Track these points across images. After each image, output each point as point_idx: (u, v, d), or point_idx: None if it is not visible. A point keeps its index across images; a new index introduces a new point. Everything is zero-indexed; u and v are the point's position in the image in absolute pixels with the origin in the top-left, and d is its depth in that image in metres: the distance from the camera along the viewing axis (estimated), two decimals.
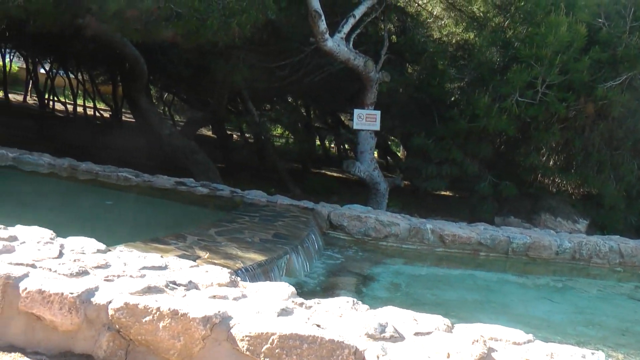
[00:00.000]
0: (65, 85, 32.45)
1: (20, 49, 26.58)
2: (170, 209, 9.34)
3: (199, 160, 14.49)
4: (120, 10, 8.95)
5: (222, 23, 9.47)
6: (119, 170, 10.21)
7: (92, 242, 4.39)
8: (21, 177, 9.87)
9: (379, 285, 7.51)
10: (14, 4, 9.30)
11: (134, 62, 13.96)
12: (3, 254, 3.93)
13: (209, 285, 3.84)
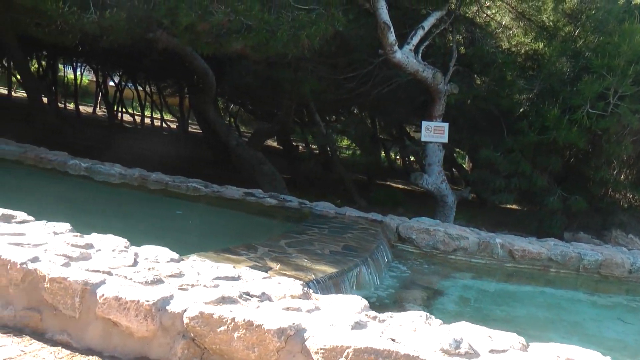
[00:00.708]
0: (133, 97, 33.19)
1: (91, 62, 27.27)
2: (240, 220, 9.39)
3: (266, 171, 14.58)
4: (192, 24, 9.08)
5: (292, 35, 9.52)
6: (189, 180, 10.35)
7: (166, 251, 4.44)
8: (93, 187, 10.11)
9: (448, 300, 7.40)
10: (88, 20, 9.55)
11: (203, 74, 14.16)
12: (80, 261, 4.02)
13: (282, 297, 3.83)
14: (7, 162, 10.83)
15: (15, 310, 3.92)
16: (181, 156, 19.51)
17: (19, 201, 5.54)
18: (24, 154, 10.99)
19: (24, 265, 3.88)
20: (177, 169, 12.97)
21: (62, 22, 9.76)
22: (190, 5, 8.93)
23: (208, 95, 14.81)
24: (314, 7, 9.93)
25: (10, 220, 4.75)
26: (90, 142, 18.87)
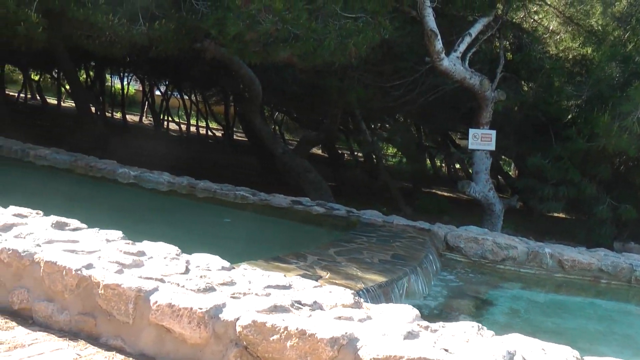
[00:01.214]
0: (179, 106, 33.54)
1: (138, 72, 27.68)
2: (288, 228, 9.43)
3: (312, 179, 14.59)
4: (240, 34, 9.15)
5: (339, 44, 9.52)
6: (236, 189, 10.42)
7: (217, 259, 4.47)
8: (142, 195, 10.24)
9: (497, 310, 7.32)
10: (137, 31, 9.72)
11: (250, 83, 14.24)
12: (133, 268, 4.07)
13: (334, 306, 3.82)
14: (59, 171, 11.05)
15: (71, 315, 4.00)
16: (227, 164, 19.66)
17: (70, 209, 5.64)
18: (74, 163, 11.20)
19: (79, 271, 3.96)
20: (223, 177, 13.06)
21: (112, 34, 9.96)
22: (238, 15, 9.00)
23: (254, 103, 14.88)
24: (361, 16, 9.93)
25: (64, 228, 4.83)
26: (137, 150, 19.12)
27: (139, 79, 31.32)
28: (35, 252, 4.19)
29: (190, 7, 9.90)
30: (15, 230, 4.59)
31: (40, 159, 11.50)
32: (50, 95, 37.62)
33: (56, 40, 11.39)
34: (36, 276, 4.14)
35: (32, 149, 11.83)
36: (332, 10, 9.61)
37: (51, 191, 9.29)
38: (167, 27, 9.66)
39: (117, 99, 35.24)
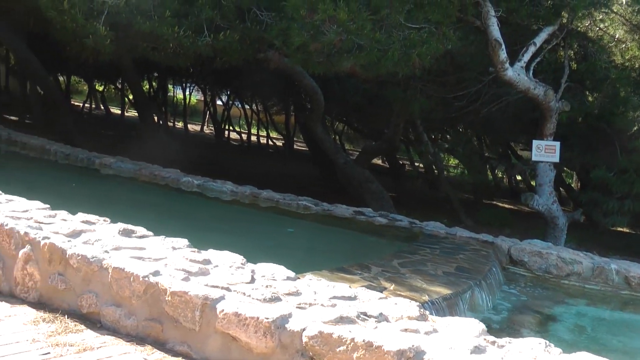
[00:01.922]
0: (240, 116, 33.86)
1: (200, 82, 28.06)
2: (351, 238, 9.39)
3: (373, 190, 14.55)
4: (304, 44, 9.18)
5: (403, 54, 9.48)
6: (299, 198, 10.45)
7: (282, 269, 4.47)
8: (206, 203, 10.36)
9: (562, 327, 7.14)
10: (202, 43, 9.86)
11: (312, 92, 14.30)
12: (199, 276, 4.11)
13: (399, 318, 3.79)
14: (123, 179, 11.25)
15: (138, 321, 4.07)
16: (287, 173, 19.75)
17: (136, 216, 5.72)
18: (138, 171, 11.40)
19: (146, 278, 4.01)
20: (283, 186, 13.10)
21: (177, 46, 10.12)
22: (302, 25, 9.04)
23: (316, 113, 14.93)
24: (424, 26, 9.87)
25: (131, 235, 4.90)
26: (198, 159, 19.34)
27: (200, 89, 31.76)
28: (103, 258, 4.27)
29: (255, 18, 10.01)
30: (83, 237, 4.68)
31: (106, 167, 11.75)
32: (113, 105, 38.46)
33: (122, 52, 11.63)
34: (104, 281, 4.22)
35: (98, 158, 12.09)
36: (396, 21, 9.58)
37: (116, 199, 9.47)
38: (232, 38, 9.79)
39: (179, 109, 35.80)
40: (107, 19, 9.71)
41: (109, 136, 23.22)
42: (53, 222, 5.01)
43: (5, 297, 4.60)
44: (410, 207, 15.44)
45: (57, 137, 15.04)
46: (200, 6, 9.62)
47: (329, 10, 8.77)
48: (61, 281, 4.41)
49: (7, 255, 4.74)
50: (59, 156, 12.68)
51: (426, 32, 9.76)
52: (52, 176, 11.43)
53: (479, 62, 12.34)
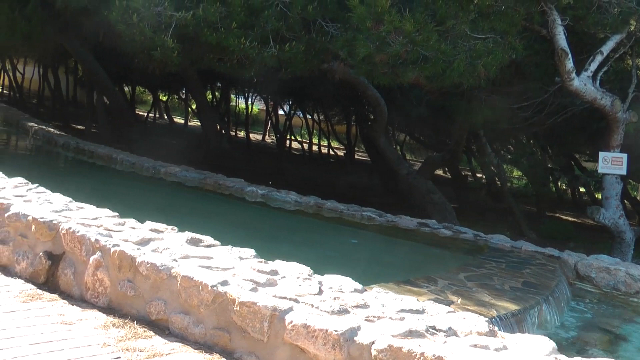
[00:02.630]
0: (302, 125, 34.01)
1: (262, 92, 28.28)
2: (415, 250, 9.33)
3: (436, 201, 14.42)
4: (369, 55, 9.17)
5: (468, 65, 9.39)
6: (363, 209, 10.42)
7: (349, 280, 4.46)
8: (270, 213, 10.43)
9: (632, 347, 6.91)
10: (268, 54, 9.94)
11: (375, 103, 14.27)
12: (267, 287, 4.12)
13: (468, 333, 3.73)
14: (188, 188, 11.40)
15: (206, 329, 4.11)
16: (349, 183, 19.73)
17: (201, 225, 5.78)
18: (203, 180, 11.55)
19: (215, 287, 4.04)
20: (345, 195, 13.10)
21: (243, 57, 10.22)
22: (368, 36, 9.03)
23: (379, 124, 14.89)
24: (490, 36, 9.76)
25: (198, 244, 4.96)
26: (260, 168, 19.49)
27: (262, 99, 32.01)
28: (172, 267, 4.32)
29: (320, 29, 10.05)
30: (152, 245, 4.75)
31: (171, 176, 11.93)
32: (177, 114, 39.08)
33: (188, 64, 11.83)
34: (173, 289, 4.27)
35: (163, 167, 12.29)
36: (461, 31, 9.50)
37: (182, 207, 9.61)
38: (297, 49, 9.84)
39: (241, 118, 36.17)
40: (174, 32, 9.88)
41: (172, 145, 23.57)
42: (122, 230, 5.10)
43: (76, 301, 4.72)
44: (472, 218, 15.26)
45: (122, 145, 15.36)
46: (266, 17, 9.69)
47: (395, 22, 8.75)
48: (130, 288, 4.49)
49: (78, 261, 4.85)
50: (125, 165, 12.95)
51: (491, 42, 9.64)
52: (118, 184, 11.67)
53: (545, 71, 12.14)
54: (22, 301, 4.60)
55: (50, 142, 16.20)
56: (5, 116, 22.13)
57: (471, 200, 20.54)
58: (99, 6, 11.04)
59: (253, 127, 37.45)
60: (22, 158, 15.57)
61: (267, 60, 10.05)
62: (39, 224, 5.09)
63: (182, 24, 9.80)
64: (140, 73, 19.31)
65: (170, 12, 9.65)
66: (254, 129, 38.01)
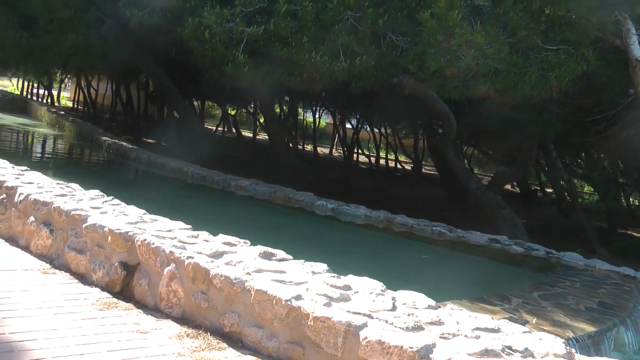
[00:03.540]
0: (369, 139, 34.01)
1: (330, 106, 28.39)
2: (487, 267, 9.21)
3: (505, 216, 14.18)
4: (440, 69, 9.13)
5: (540, 77, 9.25)
6: (433, 224, 10.33)
7: (422, 297, 4.42)
8: (340, 227, 10.46)
9: None
10: (338, 68, 9.97)
11: (444, 117, 14.16)
12: (341, 302, 4.11)
13: (545, 355, 3.66)
14: (258, 201, 11.50)
15: (279, 343, 4.13)
16: (416, 197, 19.63)
17: (272, 238, 5.83)
18: (273, 194, 11.62)
19: (289, 302, 4.05)
20: (412, 209, 13.02)
21: (313, 71, 10.27)
22: (439, 50, 8.98)
23: (448, 137, 14.76)
24: (562, 47, 9.59)
25: (271, 258, 4.99)
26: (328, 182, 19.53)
27: (330, 112, 32.13)
28: (245, 280, 4.36)
29: (390, 43, 10.04)
30: (225, 258, 4.80)
31: (241, 189, 12.05)
32: (244, 128, 39.52)
33: (258, 78, 11.96)
34: (246, 303, 4.30)
35: (233, 180, 12.42)
36: (533, 43, 9.37)
37: (253, 221, 9.69)
38: (367, 63, 9.85)
39: (309, 132, 36.38)
40: (245, 47, 10.01)
41: (241, 158, 23.84)
42: (196, 242, 5.17)
43: (151, 311, 4.82)
44: (541, 234, 14.98)
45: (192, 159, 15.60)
46: (336, 32, 9.73)
47: (466, 35, 8.69)
48: (204, 299, 4.54)
49: (153, 271, 4.95)
50: (196, 178, 13.14)
51: (564, 53, 9.47)
52: (189, 197, 11.86)
53: (618, 83, 11.84)
54: (99, 309, 4.72)
55: (122, 156, 16.58)
56: (80, 131, 22.71)
57: (540, 215, 20.19)
58: (172, 24, 11.30)
59: (320, 140, 37.61)
60: (96, 171, 15.96)
61: (338, 75, 10.09)
62: (115, 235, 5.21)
63: (253, 39, 9.92)
64: (210, 87, 19.62)
65: (241, 27, 9.79)
66: (321, 142, 38.16)
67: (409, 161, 33.19)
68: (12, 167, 8.01)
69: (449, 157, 15.17)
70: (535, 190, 24.54)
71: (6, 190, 6.66)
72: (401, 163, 33.58)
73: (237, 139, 35.55)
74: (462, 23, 8.74)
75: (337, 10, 9.40)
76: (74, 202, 6.16)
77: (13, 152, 16.82)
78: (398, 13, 9.92)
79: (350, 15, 9.44)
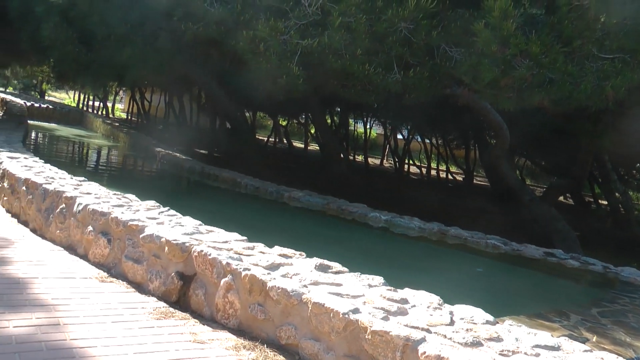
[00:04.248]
0: (420, 149, 33.88)
1: (381, 117, 28.39)
2: (543, 281, 9.08)
3: (559, 228, 13.94)
4: (495, 80, 9.03)
5: (596, 87, 9.08)
6: (487, 237, 10.22)
7: (480, 312, 4.37)
8: (393, 239, 10.43)
9: None
10: (392, 79, 9.96)
11: (498, 128, 14.00)
12: (398, 316, 4.09)
13: None
14: (311, 212, 11.53)
15: (336, 356, 4.13)
16: (468, 208, 19.43)
17: (327, 250, 5.83)
18: (326, 205, 11.65)
19: (346, 315, 4.05)
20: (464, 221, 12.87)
21: (367, 83, 10.28)
22: (493, 60, 8.90)
23: (501, 148, 14.58)
24: (618, 55, 9.40)
25: (327, 270, 5.00)
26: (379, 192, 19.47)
27: (381, 123, 32.12)
28: (303, 293, 4.37)
29: (444, 54, 9.98)
30: (282, 270, 4.83)
31: (294, 200, 12.11)
32: (295, 138, 39.72)
33: (312, 90, 12.01)
34: (303, 315, 4.31)
35: (286, 191, 12.49)
36: (588, 52, 9.20)
37: (306, 232, 9.73)
38: (421, 75, 9.81)
39: (359, 142, 36.39)
40: (299, 59, 10.06)
41: (292, 169, 23.95)
42: (252, 254, 5.21)
43: (207, 321, 4.87)
44: (595, 247, 14.68)
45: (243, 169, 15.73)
46: (390, 44, 9.70)
47: (520, 44, 8.59)
48: (260, 311, 4.57)
49: (209, 282, 5.01)
50: (249, 189, 13.24)
51: (620, 61, 9.28)
52: (243, 208, 11.95)
53: None
54: (156, 318, 4.79)
55: (176, 166, 16.81)
56: (135, 142, 23.11)
57: (594, 228, 19.80)
58: (227, 37, 11.41)
59: (371, 151, 37.60)
60: (151, 181, 16.22)
61: (391, 86, 10.07)
62: (172, 246, 5.29)
63: (307, 51, 9.96)
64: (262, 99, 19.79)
65: (296, 40, 9.83)
66: (371, 153, 38.15)
67: (460, 172, 32.95)
68: (71, 178, 8.22)
69: (503, 169, 15.00)
70: (589, 202, 24.11)
71: (65, 201, 6.83)
72: (452, 174, 33.36)
73: (289, 150, 35.75)
74: (516, 32, 8.63)
75: (391, 22, 9.37)
76: (130, 212, 6.28)
77: (70, 162, 17.21)
78: (452, 24, 9.84)
79: (404, 26, 9.40)
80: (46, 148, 20.54)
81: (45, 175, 8.21)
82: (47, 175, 8.15)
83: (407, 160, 32.43)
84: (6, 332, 4.17)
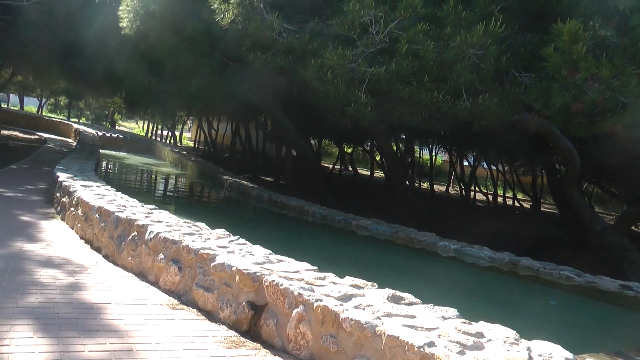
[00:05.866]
0: (486, 176, 33.47)
1: (446, 143, 28.18)
2: (621, 316, 8.79)
3: (632, 259, 13.47)
4: (565, 105, 8.85)
5: None
6: (560, 268, 9.95)
7: (558, 348, 4.23)
8: (463, 269, 10.27)
9: None
10: (461, 106, 9.86)
11: (567, 154, 13.68)
12: (474, 350, 3.99)
13: None
14: (379, 241, 11.47)
15: None
16: (535, 236, 19.03)
17: (396, 280, 5.79)
18: (394, 234, 11.56)
19: (421, 348, 3.97)
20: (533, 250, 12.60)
21: (435, 110, 10.20)
22: (564, 85, 8.74)
23: (571, 175, 14.24)
24: None
25: (400, 302, 4.92)
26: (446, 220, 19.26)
27: (446, 150, 31.88)
28: (376, 325, 4.31)
29: (514, 80, 9.85)
30: (354, 301, 4.78)
31: (362, 229, 12.06)
32: (360, 166, 39.71)
33: (379, 117, 11.98)
34: (377, 348, 4.25)
35: (354, 219, 12.46)
36: None
37: (375, 261, 9.66)
38: (490, 101, 9.68)
39: (425, 169, 36.17)
40: (367, 87, 10.06)
41: (357, 196, 23.91)
42: (323, 284, 5.18)
43: (278, 352, 4.85)
44: None
45: (309, 196, 15.77)
46: (458, 70, 9.63)
47: (591, 68, 8.42)
48: (333, 343, 4.52)
49: (280, 313, 4.99)
50: (317, 217, 13.26)
51: None
52: (311, 236, 11.97)
53: None
54: (227, 347, 4.80)
55: (244, 194, 16.97)
56: (202, 170, 23.45)
57: None
58: (294, 65, 11.50)
59: (436, 178, 37.33)
60: (219, 209, 16.40)
61: (460, 114, 9.98)
62: (243, 275, 5.31)
63: (375, 79, 9.96)
64: (327, 126, 19.86)
65: (363, 67, 9.85)
66: (436, 180, 37.87)
67: (527, 199, 32.37)
68: (142, 206, 8.36)
69: (573, 196, 14.64)
70: None
71: (137, 229, 6.95)
72: (519, 201, 32.81)
73: (354, 177, 35.74)
74: (587, 56, 8.46)
75: (460, 49, 9.30)
76: (201, 240, 6.35)
77: (139, 190, 17.54)
78: (521, 49, 9.73)
79: (472, 53, 9.32)
80: (117, 176, 21.02)
81: (117, 203, 8.40)
82: (119, 204, 8.34)
83: (473, 187, 32.06)
84: (82, 356, 4.24)
